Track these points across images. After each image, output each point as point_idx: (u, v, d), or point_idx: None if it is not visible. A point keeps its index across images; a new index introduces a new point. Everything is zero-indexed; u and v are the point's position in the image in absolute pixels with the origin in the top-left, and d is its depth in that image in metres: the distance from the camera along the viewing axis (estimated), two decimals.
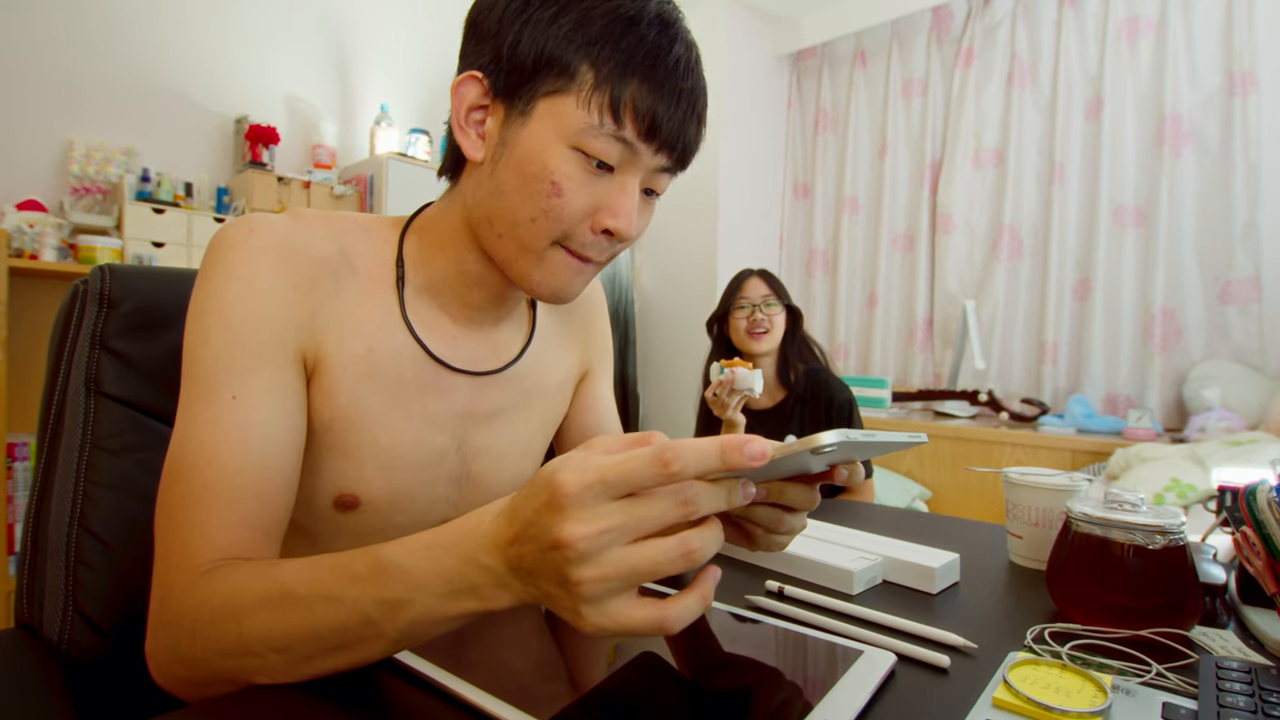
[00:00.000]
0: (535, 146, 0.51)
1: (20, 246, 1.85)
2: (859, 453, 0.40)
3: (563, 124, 0.50)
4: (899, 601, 0.61)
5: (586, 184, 0.51)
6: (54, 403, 0.63)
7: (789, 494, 0.45)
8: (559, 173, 0.50)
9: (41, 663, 0.54)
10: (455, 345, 0.61)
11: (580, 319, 0.75)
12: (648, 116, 0.50)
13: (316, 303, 0.53)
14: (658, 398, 3.33)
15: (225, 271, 0.51)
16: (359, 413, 0.56)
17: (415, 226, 0.61)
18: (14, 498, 1.83)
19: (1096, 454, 2.22)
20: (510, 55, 0.51)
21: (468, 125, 0.54)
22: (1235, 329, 2.29)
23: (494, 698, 0.40)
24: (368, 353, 0.56)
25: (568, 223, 0.52)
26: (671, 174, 0.56)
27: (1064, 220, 2.62)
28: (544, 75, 0.50)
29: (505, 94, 0.52)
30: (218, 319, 0.49)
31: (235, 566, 0.43)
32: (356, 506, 0.57)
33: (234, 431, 0.47)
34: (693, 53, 0.53)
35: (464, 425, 0.62)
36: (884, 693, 0.43)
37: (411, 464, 0.59)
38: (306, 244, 0.54)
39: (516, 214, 0.52)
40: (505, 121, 0.52)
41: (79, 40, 2.15)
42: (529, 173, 0.51)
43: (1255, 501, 0.54)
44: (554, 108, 0.50)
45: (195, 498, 0.46)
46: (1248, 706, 0.39)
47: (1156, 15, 2.44)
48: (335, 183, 2.50)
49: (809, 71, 3.41)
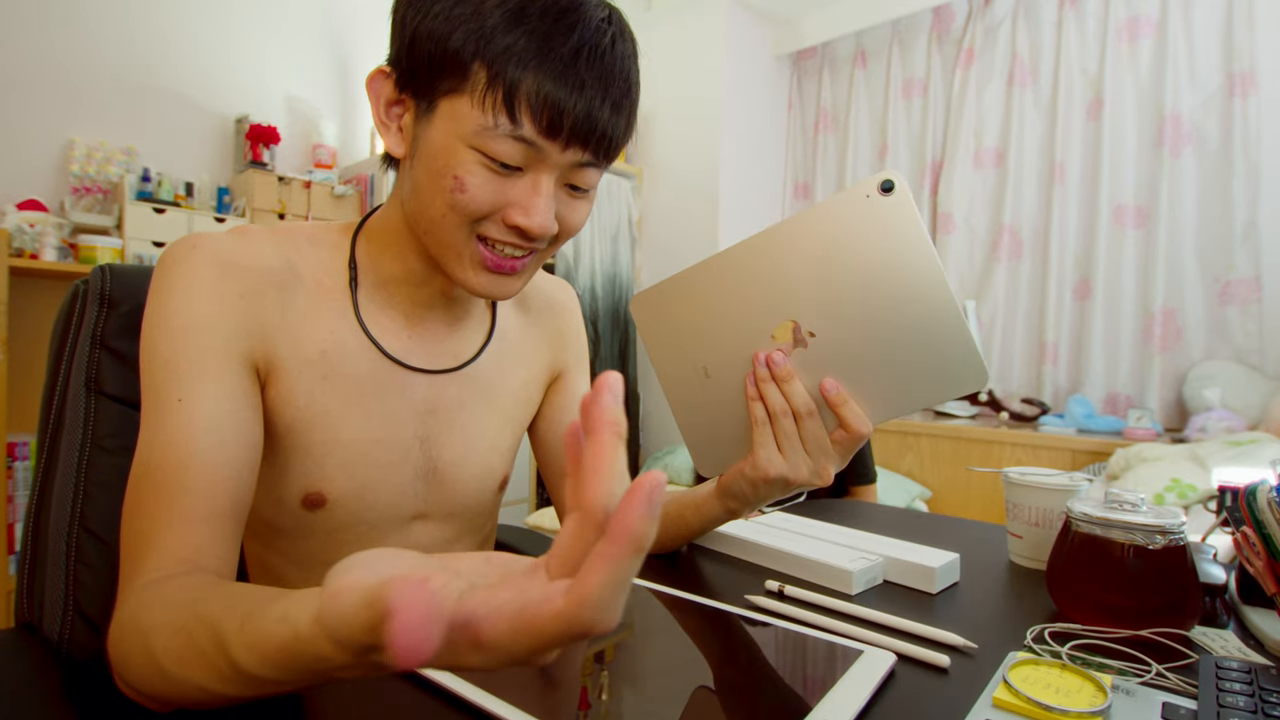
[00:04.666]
0: (438, 144, 0.50)
1: (20, 246, 1.85)
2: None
3: (460, 125, 0.48)
4: (899, 601, 0.61)
5: (491, 182, 0.50)
6: (54, 402, 0.63)
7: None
8: (462, 168, 0.49)
9: (41, 663, 0.54)
10: (410, 344, 0.61)
11: (550, 321, 0.75)
12: (545, 112, 0.47)
13: (264, 311, 0.54)
14: (658, 398, 3.33)
15: (169, 286, 0.51)
16: (318, 413, 0.57)
17: (365, 230, 0.61)
18: (14, 498, 1.83)
19: (1097, 454, 2.22)
20: (409, 52, 0.50)
21: (389, 120, 0.54)
22: (1235, 329, 2.29)
23: (494, 698, 0.40)
24: (321, 356, 0.56)
25: (475, 215, 0.51)
26: (596, 168, 0.53)
27: (1064, 220, 2.62)
28: (440, 74, 0.48)
29: (411, 90, 0.51)
30: (163, 331, 0.50)
31: (158, 595, 0.40)
32: (324, 504, 0.58)
33: (179, 432, 0.47)
34: (603, 37, 0.49)
35: (425, 422, 0.62)
36: (884, 693, 0.43)
37: (374, 461, 0.59)
38: (250, 257, 0.54)
39: (430, 210, 0.52)
40: (415, 117, 0.52)
41: (79, 40, 2.15)
42: (434, 169, 0.50)
43: (1255, 501, 0.54)
44: (452, 108, 0.49)
45: (146, 500, 0.46)
46: (1248, 706, 0.39)
47: (1156, 15, 2.44)
48: (335, 183, 2.50)
49: (809, 72, 3.41)
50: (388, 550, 0.27)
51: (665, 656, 0.50)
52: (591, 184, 0.55)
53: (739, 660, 0.48)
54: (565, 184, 0.53)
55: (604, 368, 3.14)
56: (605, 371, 0.24)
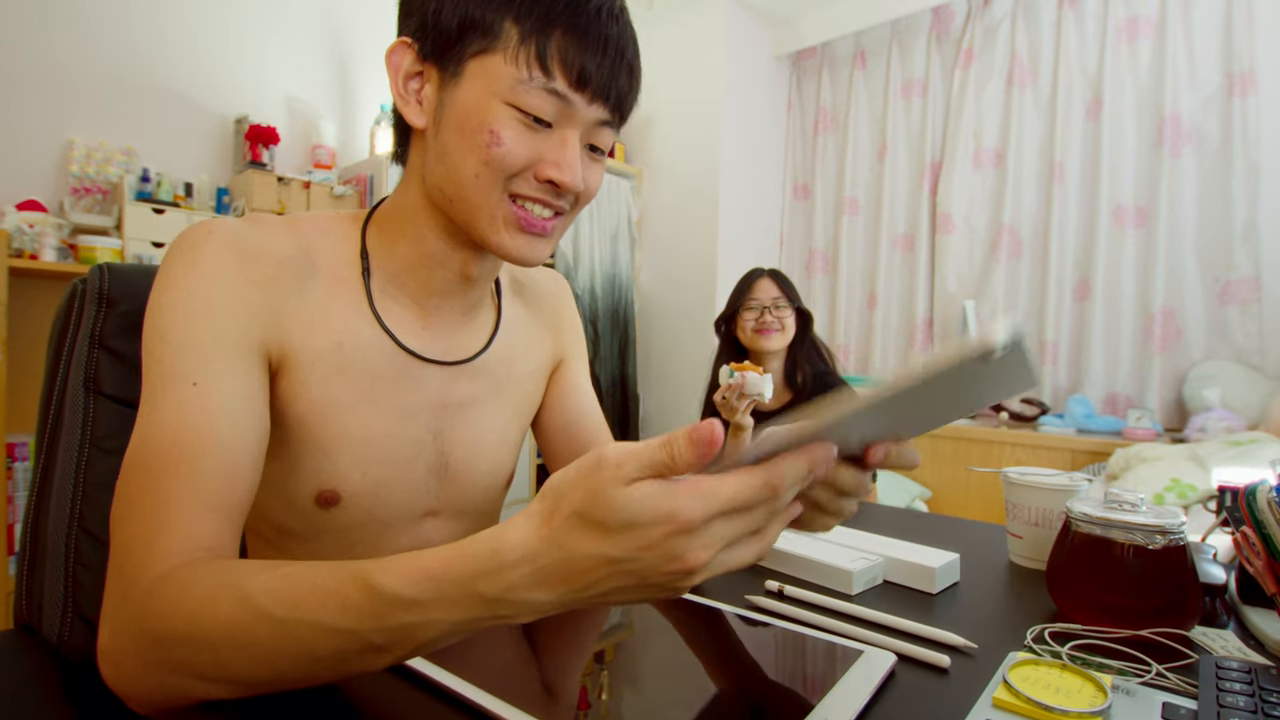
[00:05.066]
0: (471, 103, 0.51)
1: (20, 246, 1.85)
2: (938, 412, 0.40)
3: (494, 82, 0.50)
4: (899, 601, 0.61)
5: (525, 136, 0.52)
6: (53, 403, 0.63)
7: (843, 477, 0.44)
8: (497, 122, 0.51)
9: (40, 664, 0.54)
10: (424, 336, 0.61)
11: (549, 309, 0.75)
12: (575, 66, 0.50)
13: (279, 300, 0.53)
14: (657, 398, 3.33)
15: (184, 270, 0.50)
16: (330, 406, 0.56)
17: (376, 219, 0.61)
18: (14, 498, 1.83)
19: (1096, 454, 2.22)
20: (435, 20, 0.51)
21: (407, 94, 0.55)
22: (1235, 329, 2.29)
23: (494, 698, 0.39)
24: (336, 348, 0.56)
25: (510, 170, 0.52)
26: (612, 128, 0.56)
27: (1064, 220, 2.62)
28: (470, 36, 0.51)
29: (435, 57, 0.52)
30: (177, 315, 0.49)
31: (194, 575, 0.40)
32: (337, 502, 0.58)
33: (198, 415, 0.46)
34: (616, 2, 0.53)
35: (438, 416, 0.62)
36: (884, 693, 0.43)
37: (387, 456, 0.59)
38: (266, 244, 0.54)
39: (461, 171, 0.53)
40: (440, 84, 0.53)
41: (79, 40, 2.15)
42: (468, 127, 0.51)
43: (1255, 501, 0.54)
44: (483, 67, 0.51)
45: (158, 483, 0.44)
46: (1248, 706, 0.39)
47: (1156, 15, 2.44)
48: (335, 183, 2.50)
49: (809, 72, 3.41)
50: None
51: (665, 657, 0.50)
52: (608, 145, 0.57)
53: (739, 660, 0.48)
54: (586, 144, 0.55)
55: (604, 368, 3.14)
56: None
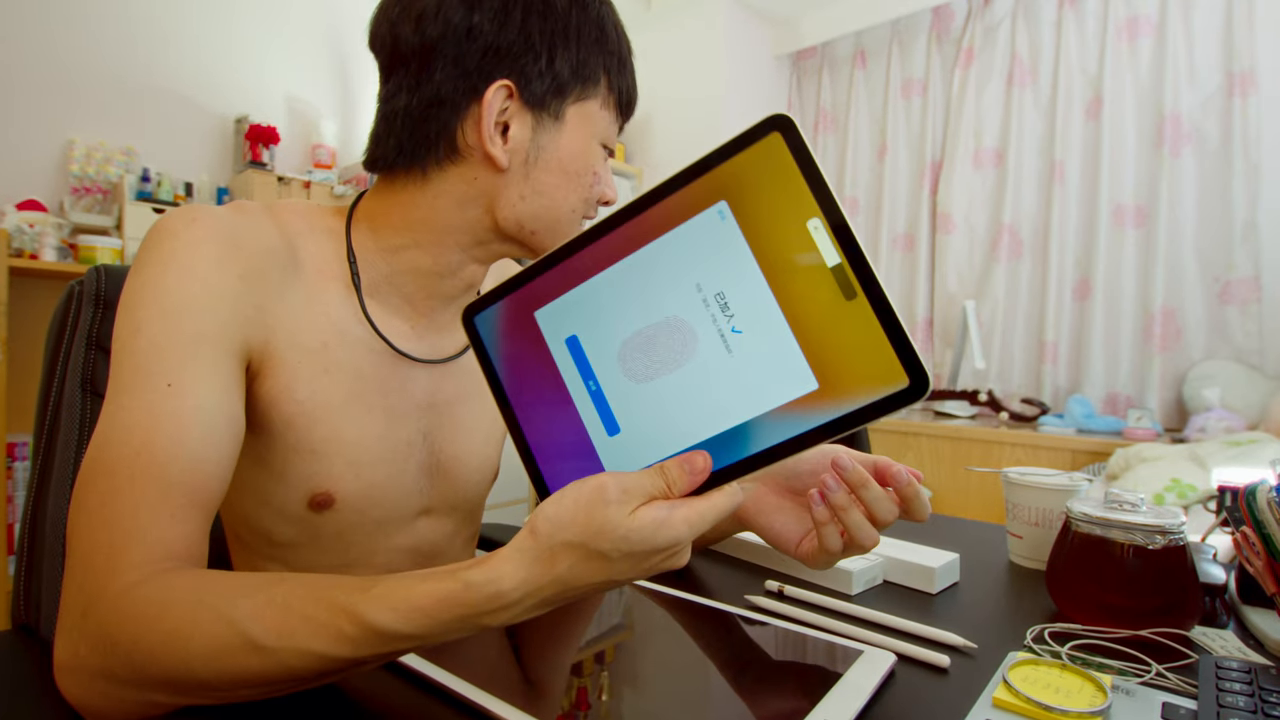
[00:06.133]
0: (577, 148, 0.57)
1: (20, 246, 1.85)
2: None
3: (594, 126, 0.58)
4: (899, 601, 0.61)
5: (606, 168, 0.61)
6: (50, 403, 0.63)
7: (880, 506, 0.47)
8: (598, 163, 0.59)
9: (38, 664, 0.54)
10: (412, 336, 0.61)
11: None
12: (631, 101, 0.61)
13: (264, 295, 0.51)
14: None
15: (163, 260, 0.48)
16: (319, 408, 0.54)
17: (366, 217, 0.59)
18: (14, 498, 1.83)
19: (1096, 454, 2.22)
20: (548, 69, 0.55)
21: (495, 134, 0.54)
22: (1235, 329, 2.29)
23: (494, 698, 0.39)
24: (323, 347, 0.55)
25: (597, 201, 0.60)
26: None
27: (1064, 220, 2.62)
28: (575, 84, 0.56)
29: (535, 103, 0.55)
30: (154, 309, 0.46)
31: (169, 592, 0.38)
32: (332, 505, 0.56)
33: (169, 420, 0.43)
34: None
35: (426, 415, 0.62)
36: (884, 693, 0.43)
37: (379, 457, 0.58)
38: (252, 236, 0.52)
39: (560, 209, 0.58)
40: (535, 127, 0.55)
41: (79, 40, 2.15)
42: (573, 170, 0.57)
43: (1255, 501, 0.54)
44: (583, 112, 0.57)
45: (123, 491, 0.41)
46: (1248, 706, 0.39)
47: (1156, 15, 2.43)
48: (335, 183, 2.50)
49: (809, 71, 3.41)
50: None
51: (665, 657, 0.50)
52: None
53: (739, 661, 0.48)
54: None
55: None
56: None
